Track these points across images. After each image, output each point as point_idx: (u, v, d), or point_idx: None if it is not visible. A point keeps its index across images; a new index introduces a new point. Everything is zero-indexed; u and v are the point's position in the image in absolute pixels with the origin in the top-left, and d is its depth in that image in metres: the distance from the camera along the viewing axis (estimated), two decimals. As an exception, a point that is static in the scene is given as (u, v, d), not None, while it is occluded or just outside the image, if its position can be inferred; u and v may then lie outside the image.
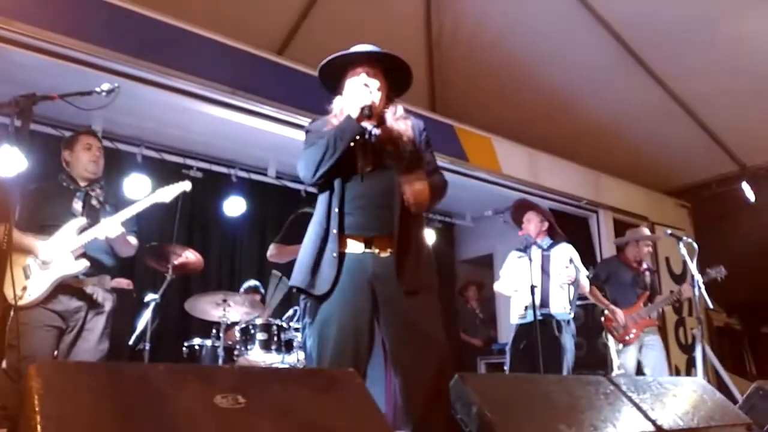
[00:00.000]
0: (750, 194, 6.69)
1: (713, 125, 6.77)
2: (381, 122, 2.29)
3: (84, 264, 3.01)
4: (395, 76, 2.37)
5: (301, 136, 4.49)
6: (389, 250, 2.17)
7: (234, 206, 5.46)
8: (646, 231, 5.31)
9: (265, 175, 5.66)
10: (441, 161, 4.92)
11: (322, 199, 2.25)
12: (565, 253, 4.30)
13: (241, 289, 5.25)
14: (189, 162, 5.28)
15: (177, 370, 1.29)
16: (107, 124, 4.49)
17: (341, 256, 2.13)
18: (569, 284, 4.15)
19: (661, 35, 5.93)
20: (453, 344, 5.88)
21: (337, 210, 2.16)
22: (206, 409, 1.20)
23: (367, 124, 2.25)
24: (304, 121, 4.49)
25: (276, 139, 4.68)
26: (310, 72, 4.66)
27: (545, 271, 4.22)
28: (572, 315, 4.20)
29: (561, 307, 4.14)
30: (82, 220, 3.07)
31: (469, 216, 6.96)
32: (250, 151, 5.29)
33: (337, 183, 2.20)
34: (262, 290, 5.26)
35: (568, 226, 6.58)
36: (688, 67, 6.16)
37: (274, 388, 1.36)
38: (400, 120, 2.32)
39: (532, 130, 6.38)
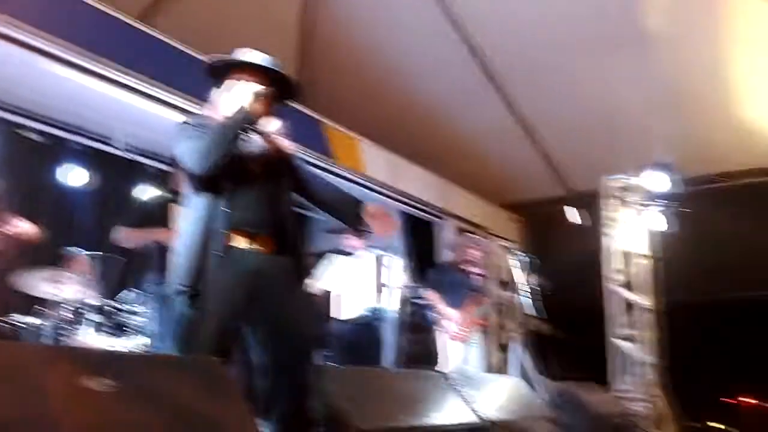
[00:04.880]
0: (575, 218, 7.32)
1: (549, 149, 7.48)
2: (262, 130, 2.36)
3: None
4: (280, 88, 2.42)
5: (156, 110, 4.32)
6: (271, 248, 2.27)
7: (75, 176, 5.03)
8: (469, 236, 5.85)
9: (112, 146, 5.23)
10: (304, 156, 5.00)
11: (203, 198, 2.22)
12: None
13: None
14: (27, 122, 4.77)
15: (45, 349, 1.23)
16: None
17: (226, 251, 2.16)
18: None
19: (518, 60, 6.45)
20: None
21: (226, 209, 2.18)
22: (76, 391, 1.17)
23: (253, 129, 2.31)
24: (160, 93, 4.24)
25: (127, 108, 4.36)
26: (169, 42, 4.40)
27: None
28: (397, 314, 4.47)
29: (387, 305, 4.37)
30: None
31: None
32: (96, 119, 4.85)
33: (227, 184, 2.22)
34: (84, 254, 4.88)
35: (417, 231, 6.99)
36: (538, 93, 6.74)
37: (142, 373, 1.35)
38: (279, 133, 2.40)
39: (392, 134, 6.63)
